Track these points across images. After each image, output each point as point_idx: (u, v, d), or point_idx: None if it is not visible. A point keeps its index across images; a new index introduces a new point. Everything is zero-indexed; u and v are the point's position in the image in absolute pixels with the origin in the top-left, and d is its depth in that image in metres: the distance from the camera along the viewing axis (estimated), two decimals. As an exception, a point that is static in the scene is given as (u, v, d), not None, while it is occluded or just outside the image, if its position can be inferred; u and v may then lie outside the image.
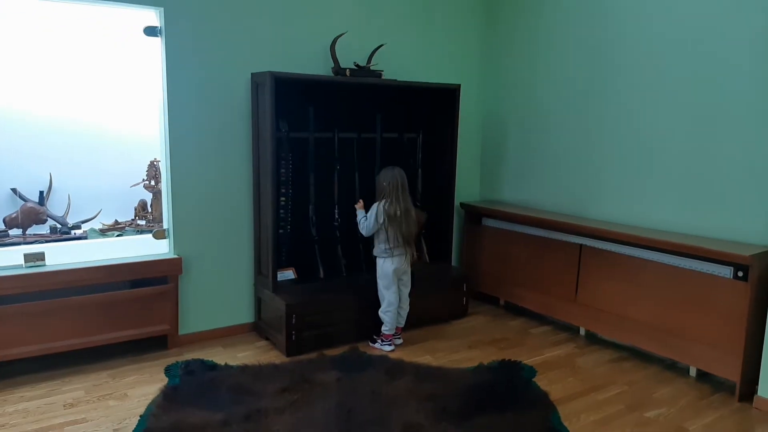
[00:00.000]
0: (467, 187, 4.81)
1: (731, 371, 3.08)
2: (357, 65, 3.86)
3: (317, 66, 3.87)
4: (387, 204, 3.53)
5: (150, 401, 2.85)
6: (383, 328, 3.64)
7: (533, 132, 4.45)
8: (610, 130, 3.89)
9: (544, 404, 2.91)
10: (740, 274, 3.03)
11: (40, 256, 3.22)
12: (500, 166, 4.76)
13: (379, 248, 3.62)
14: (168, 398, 2.84)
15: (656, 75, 3.59)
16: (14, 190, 3.76)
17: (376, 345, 3.66)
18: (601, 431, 2.73)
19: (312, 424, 2.60)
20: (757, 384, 3.01)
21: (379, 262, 3.64)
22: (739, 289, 3.03)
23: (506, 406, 2.83)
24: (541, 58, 4.35)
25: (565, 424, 2.74)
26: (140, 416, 2.71)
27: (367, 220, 3.59)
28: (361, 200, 3.74)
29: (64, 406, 2.86)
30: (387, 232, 3.53)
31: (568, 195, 4.21)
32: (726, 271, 3.10)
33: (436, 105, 4.28)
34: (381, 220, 3.53)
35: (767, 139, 3.10)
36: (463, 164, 4.58)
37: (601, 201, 3.98)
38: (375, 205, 3.57)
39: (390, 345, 3.64)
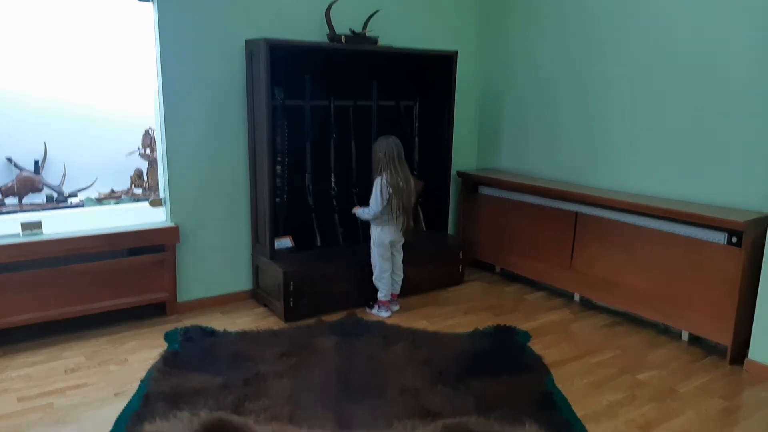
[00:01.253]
0: (464, 156, 4.80)
1: (723, 335, 3.12)
2: (352, 32, 3.81)
3: (312, 33, 3.83)
4: (388, 177, 3.50)
5: (150, 366, 2.89)
6: (378, 294, 3.68)
7: (531, 100, 4.42)
8: (607, 99, 3.86)
9: (538, 368, 2.96)
10: (734, 240, 3.06)
11: (37, 225, 3.23)
12: (497, 134, 4.74)
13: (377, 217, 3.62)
14: (168, 363, 2.88)
15: (654, 45, 3.56)
16: (9, 159, 3.74)
17: (373, 311, 3.70)
18: (594, 393, 2.78)
19: (310, 388, 2.64)
20: (748, 347, 3.06)
21: (376, 230, 3.64)
22: (733, 254, 3.05)
23: (501, 370, 2.88)
24: (539, 26, 4.30)
25: (559, 386, 2.80)
26: (141, 380, 2.76)
27: (373, 201, 3.53)
28: (357, 206, 3.73)
29: (66, 371, 2.90)
30: (391, 203, 3.52)
31: (565, 163, 4.20)
32: (720, 237, 3.12)
33: (433, 72, 4.24)
34: (387, 195, 3.49)
35: (761, 107, 3.09)
36: (461, 132, 4.56)
37: (597, 169, 3.98)
38: (377, 182, 3.52)
39: (387, 311, 3.68)
